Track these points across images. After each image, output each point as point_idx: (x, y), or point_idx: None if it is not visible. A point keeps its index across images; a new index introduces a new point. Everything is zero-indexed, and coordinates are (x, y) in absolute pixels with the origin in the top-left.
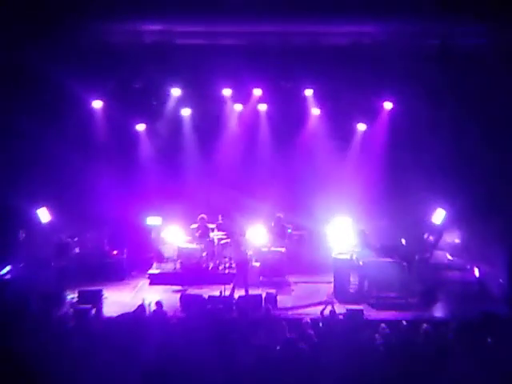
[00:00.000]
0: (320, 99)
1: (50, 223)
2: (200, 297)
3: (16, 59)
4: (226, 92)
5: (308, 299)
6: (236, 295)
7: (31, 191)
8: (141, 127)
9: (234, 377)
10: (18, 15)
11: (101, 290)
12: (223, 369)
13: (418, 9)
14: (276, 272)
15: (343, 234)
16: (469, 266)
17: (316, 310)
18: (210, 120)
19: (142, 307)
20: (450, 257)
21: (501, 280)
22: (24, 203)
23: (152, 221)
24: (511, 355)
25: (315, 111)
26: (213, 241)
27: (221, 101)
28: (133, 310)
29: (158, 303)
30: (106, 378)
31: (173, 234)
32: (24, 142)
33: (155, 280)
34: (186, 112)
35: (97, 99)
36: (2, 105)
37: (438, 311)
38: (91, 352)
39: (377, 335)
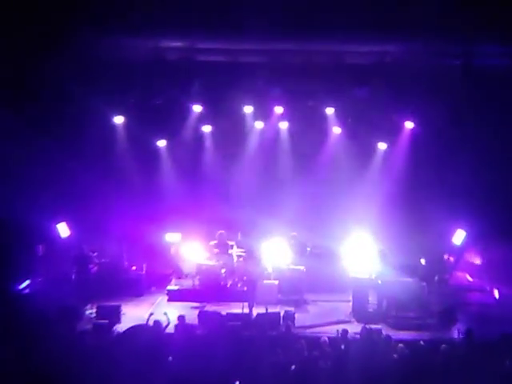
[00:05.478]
0: (341, 118)
1: (69, 238)
2: (218, 314)
3: (36, 75)
4: (247, 109)
5: (326, 318)
6: (254, 313)
7: (51, 206)
8: (161, 143)
9: None
10: (38, 31)
11: (119, 306)
12: None
13: (440, 28)
14: (294, 290)
15: (362, 252)
16: (489, 288)
17: (334, 329)
18: (230, 137)
19: (158, 322)
20: (469, 278)
21: None
22: (43, 218)
23: (171, 237)
24: None
25: (336, 130)
26: (232, 257)
27: (242, 118)
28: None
29: (181, 317)
30: None
31: (192, 251)
32: (44, 157)
33: (174, 296)
34: (206, 129)
35: (118, 115)
36: (22, 121)
37: (457, 332)
38: (110, 367)
39: (395, 355)
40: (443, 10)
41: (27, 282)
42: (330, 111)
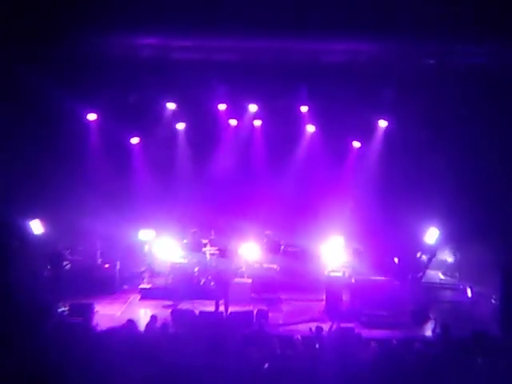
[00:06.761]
0: (315, 116)
1: (42, 235)
2: (191, 312)
3: (9, 72)
4: (221, 107)
5: (299, 316)
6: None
7: (24, 203)
8: (135, 141)
9: None
10: (12, 28)
11: (92, 304)
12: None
13: (415, 27)
14: (268, 288)
15: (336, 251)
16: (461, 286)
17: (307, 328)
18: (204, 135)
19: (131, 322)
20: (442, 276)
21: (493, 300)
22: (17, 215)
23: (144, 235)
24: (501, 376)
25: (310, 128)
26: (205, 256)
27: (216, 116)
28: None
29: (153, 317)
30: None
31: (165, 249)
32: (17, 155)
33: (146, 294)
34: (180, 126)
35: (91, 112)
36: None
37: (429, 331)
38: (82, 366)
39: (367, 354)
40: (418, 9)
41: None
42: (304, 109)
